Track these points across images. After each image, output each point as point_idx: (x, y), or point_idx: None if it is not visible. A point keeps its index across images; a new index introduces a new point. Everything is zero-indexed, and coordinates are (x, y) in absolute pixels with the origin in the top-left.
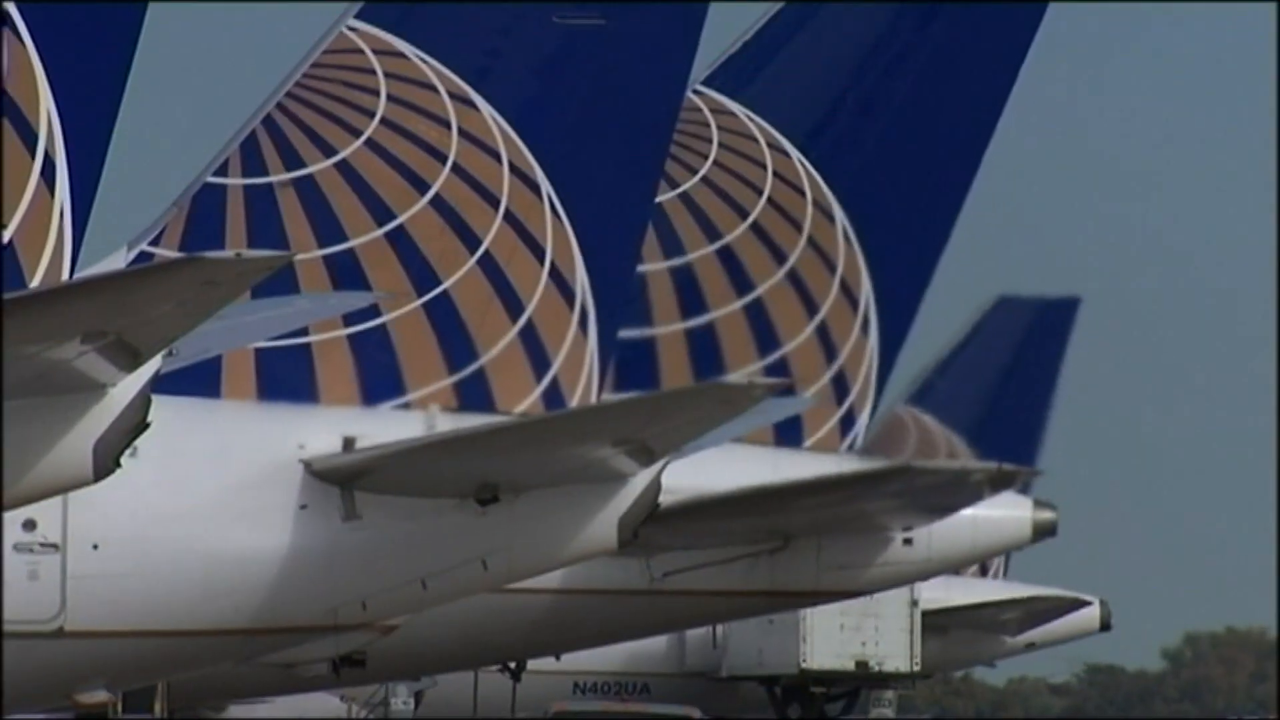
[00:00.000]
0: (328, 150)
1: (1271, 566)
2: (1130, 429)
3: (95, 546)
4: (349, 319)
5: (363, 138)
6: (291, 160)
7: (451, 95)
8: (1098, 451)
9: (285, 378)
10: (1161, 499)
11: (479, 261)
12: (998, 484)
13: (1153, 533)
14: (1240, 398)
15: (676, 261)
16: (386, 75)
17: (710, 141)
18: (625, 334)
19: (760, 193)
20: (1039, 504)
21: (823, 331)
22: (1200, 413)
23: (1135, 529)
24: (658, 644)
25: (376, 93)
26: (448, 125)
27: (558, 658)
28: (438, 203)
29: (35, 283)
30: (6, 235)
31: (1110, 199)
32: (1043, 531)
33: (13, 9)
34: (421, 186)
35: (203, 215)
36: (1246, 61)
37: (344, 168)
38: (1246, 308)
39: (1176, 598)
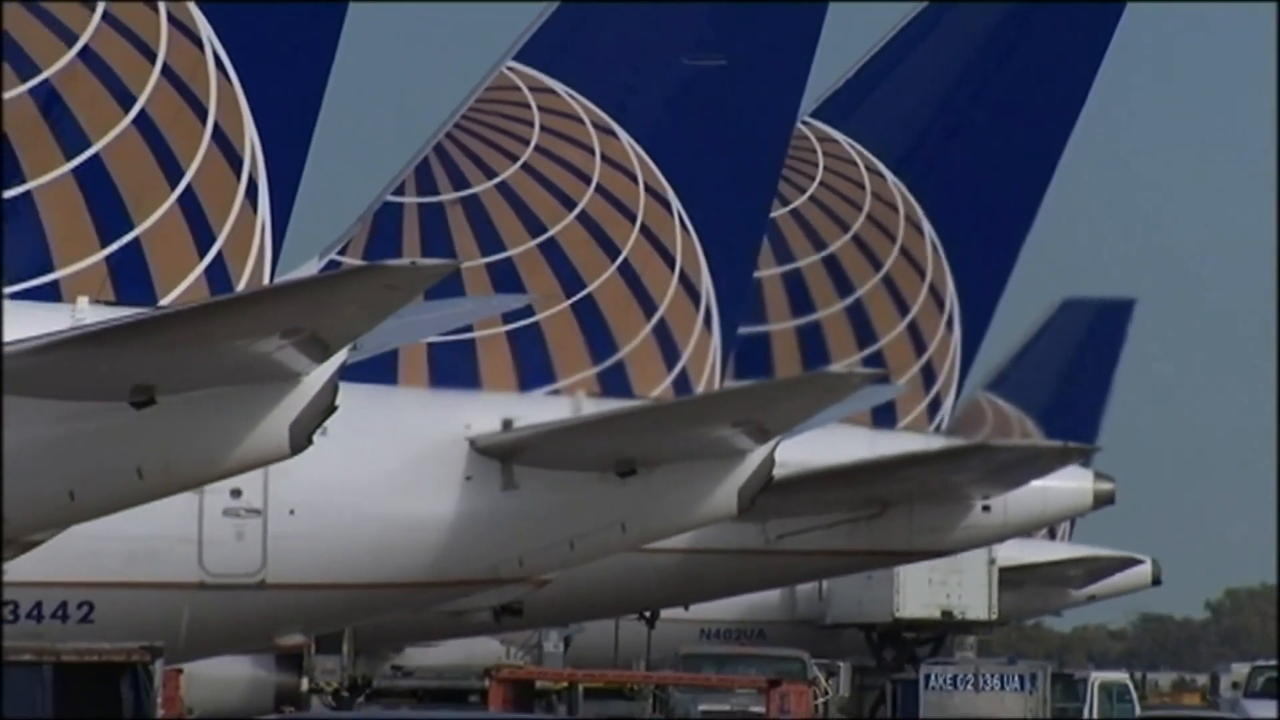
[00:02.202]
0: (489, 173)
1: None
2: (1178, 411)
3: (292, 511)
4: (507, 317)
5: (519, 162)
6: (459, 181)
7: (595, 125)
8: (1150, 430)
9: (453, 368)
10: (1206, 472)
11: (619, 268)
12: (1063, 459)
13: (1198, 501)
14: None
15: (787, 268)
16: (539, 109)
17: (817, 165)
18: (744, 330)
19: (860, 209)
20: (1099, 476)
21: (913, 328)
22: (1240, 400)
23: (1183, 498)
24: (772, 596)
25: (531, 123)
26: (592, 151)
27: (686, 608)
28: (583, 218)
29: (241, 287)
30: (216, 248)
31: (1139, 201)
32: (1102, 500)
33: (222, 52)
34: (569, 204)
35: (383, 229)
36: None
37: (503, 188)
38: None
39: (1218, 557)
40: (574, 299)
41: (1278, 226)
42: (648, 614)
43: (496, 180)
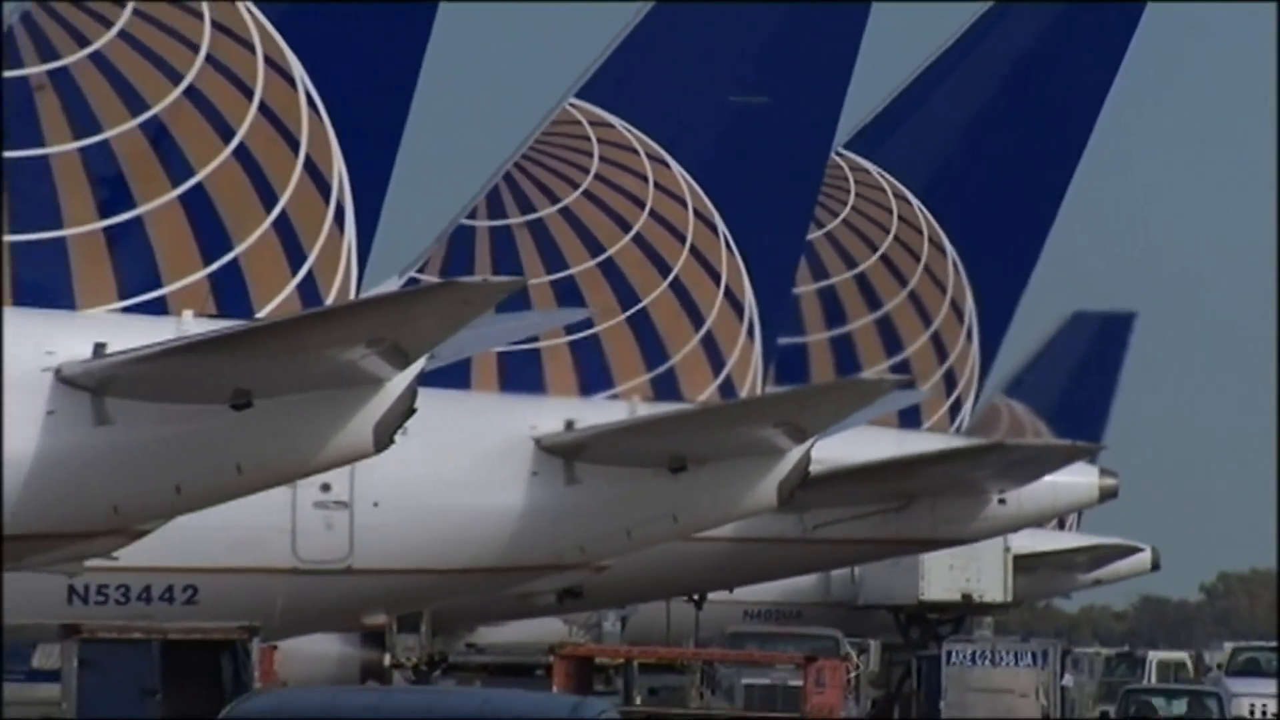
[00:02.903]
0: (553, 198)
1: None
2: (1176, 413)
3: (376, 504)
4: (570, 329)
5: (580, 189)
6: (525, 207)
7: (649, 156)
8: (1151, 431)
9: (520, 374)
10: (1201, 468)
11: (670, 285)
12: (1071, 457)
13: (1194, 494)
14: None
15: (823, 284)
16: (599, 141)
17: (849, 192)
18: (783, 340)
19: (888, 231)
20: (1104, 472)
21: (936, 339)
22: (1233, 402)
23: (1180, 492)
24: (808, 580)
25: (591, 154)
26: (646, 180)
27: (731, 590)
28: (638, 239)
29: (329, 301)
30: (307, 266)
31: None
32: (1106, 494)
33: (313, 90)
34: (626, 227)
35: (457, 249)
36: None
37: (566, 212)
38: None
39: (1212, 545)
40: (629, 312)
41: (1276, 238)
42: (696, 596)
43: (560, 205)
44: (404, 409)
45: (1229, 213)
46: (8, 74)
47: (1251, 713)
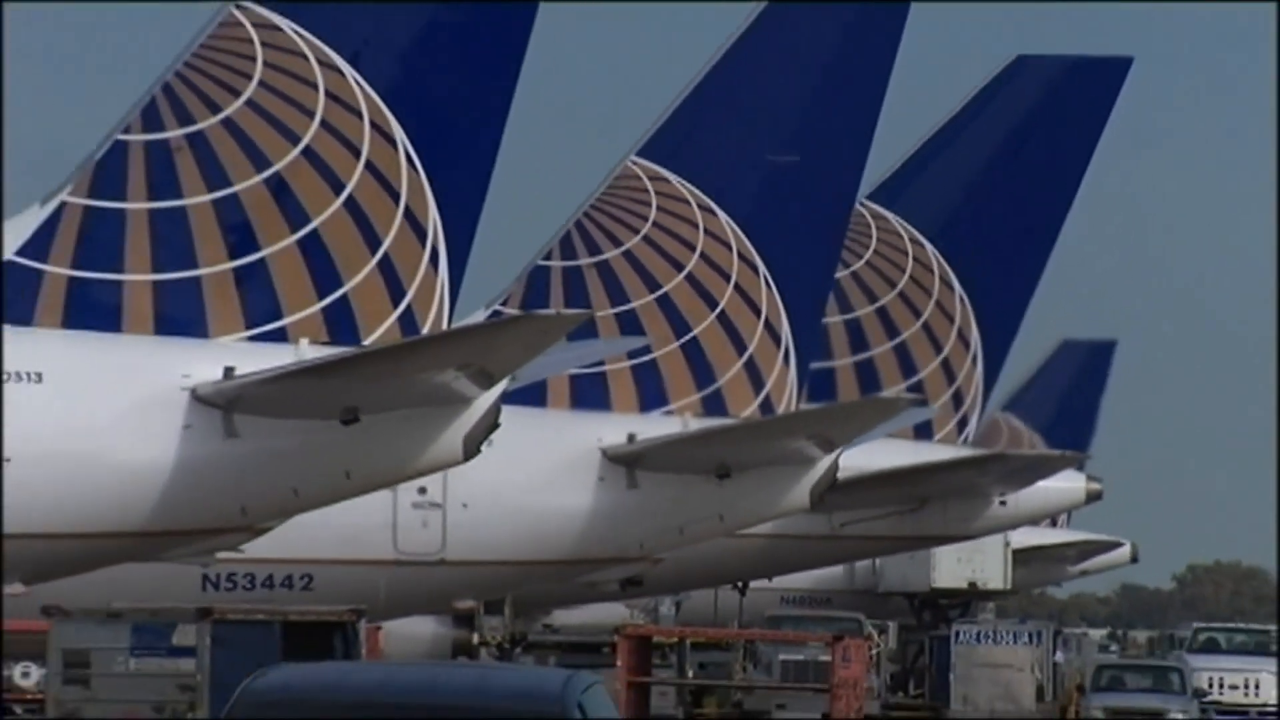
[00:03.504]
0: (617, 243)
1: (1245, 521)
2: (1152, 426)
3: (465, 505)
4: (631, 355)
5: (640, 234)
6: (593, 249)
7: (699, 206)
8: (1131, 442)
9: (588, 394)
10: (1174, 474)
11: (717, 317)
12: (1062, 465)
13: (1168, 497)
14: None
15: (848, 316)
16: (656, 193)
17: (871, 237)
18: (814, 365)
19: (904, 271)
20: (1090, 478)
21: (946, 364)
22: (1203, 415)
23: (1156, 494)
24: (836, 570)
25: (649, 204)
26: (696, 226)
27: (770, 579)
28: (690, 278)
29: (426, 331)
30: (406, 301)
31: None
32: (1092, 496)
33: (412, 151)
34: (679, 267)
35: (534, 286)
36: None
37: (628, 255)
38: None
39: (1182, 541)
40: (682, 340)
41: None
42: (740, 584)
43: (623, 249)
44: (489, 424)
45: (1203, 250)
46: (152, 135)
47: (1209, 684)
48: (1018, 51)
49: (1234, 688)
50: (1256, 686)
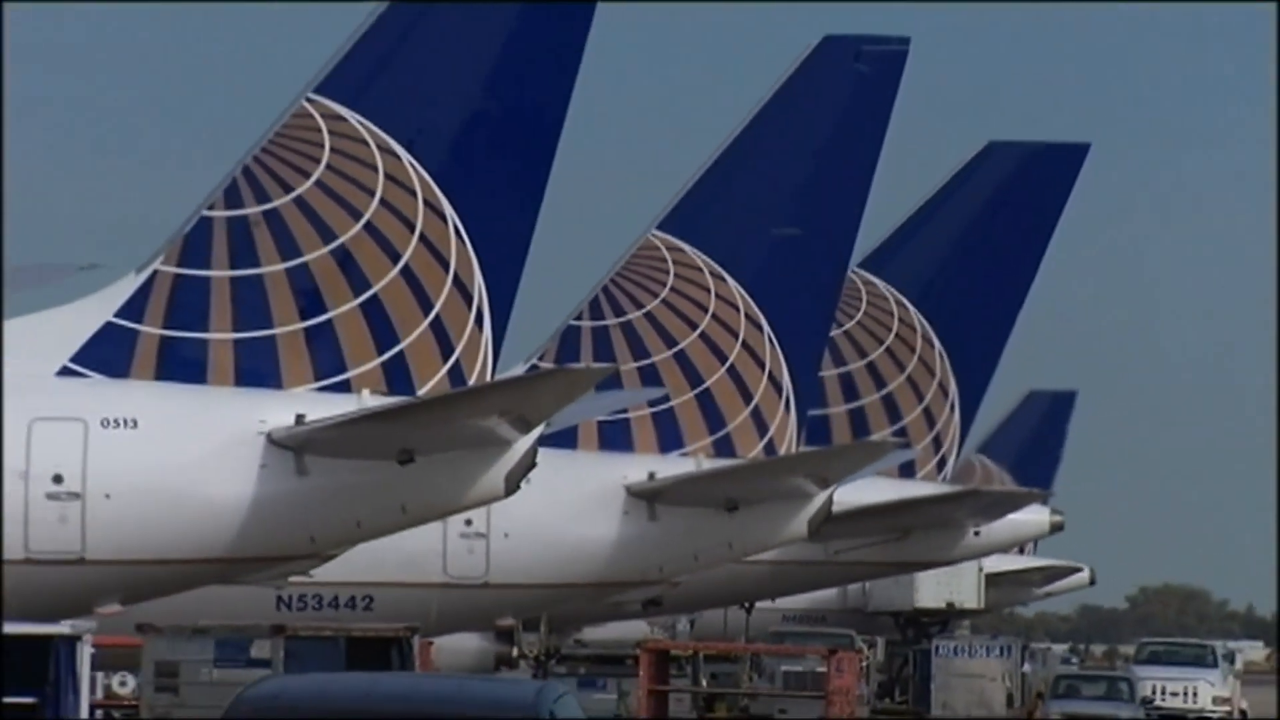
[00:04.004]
0: (639, 306)
1: (1189, 549)
2: (1110, 465)
3: (506, 535)
4: (651, 404)
5: (659, 298)
6: (619, 312)
7: (710, 274)
8: (1090, 480)
9: (614, 437)
10: (1128, 509)
11: (727, 371)
12: (1029, 500)
13: (1122, 528)
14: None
15: (842, 370)
16: (674, 262)
17: (862, 300)
18: (812, 413)
19: (890, 330)
20: (1053, 511)
21: (927, 411)
22: (1151, 457)
23: (1112, 526)
24: (831, 592)
25: (668, 272)
26: (709, 291)
27: (773, 600)
28: (704, 337)
29: (472, 382)
30: (455, 356)
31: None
32: (1055, 528)
33: (461, 226)
34: (694, 326)
35: (567, 344)
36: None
37: (649, 317)
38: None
39: (1134, 567)
40: (697, 391)
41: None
42: (747, 604)
43: (644, 311)
44: (528, 463)
45: (1152, 312)
46: (233, 212)
47: (1153, 692)
48: (989, 137)
49: (1175, 695)
50: (1194, 694)
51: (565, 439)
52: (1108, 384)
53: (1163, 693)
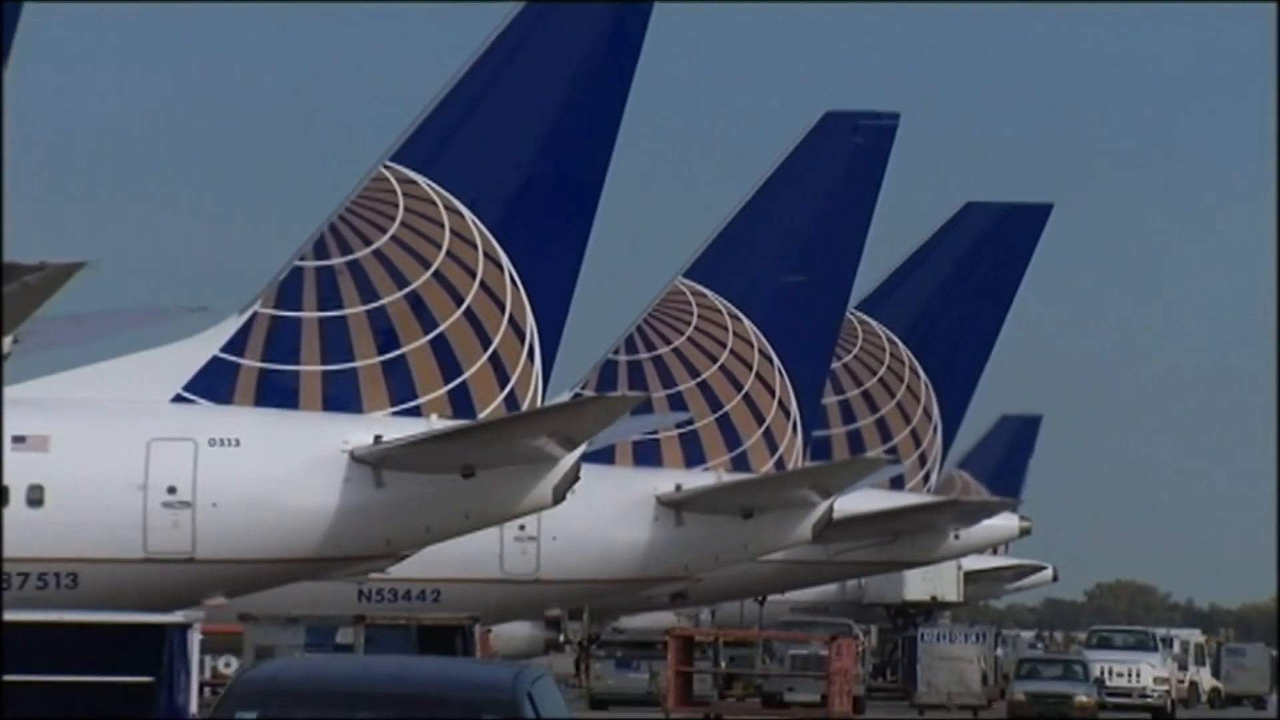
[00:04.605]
0: (668, 343)
1: (1139, 549)
2: (1072, 478)
3: (554, 538)
4: (679, 426)
5: (685, 335)
6: (650, 348)
7: (729, 315)
8: (1054, 491)
9: (646, 454)
10: (1086, 516)
11: (743, 398)
12: (1001, 509)
13: (1081, 533)
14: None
15: (841, 397)
16: (697, 305)
17: (858, 338)
18: (816, 434)
19: (883, 363)
20: (1022, 518)
21: (914, 433)
22: (1108, 473)
23: (1072, 531)
24: (832, 587)
25: (691, 313)
26: (727, 330)
27: (782, 594)
28: (723, 369)
29: (525, 407)
30: (510, 385)
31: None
32: (1024, 532)
33: (515, 274)
34: (714, 359)
35: (606, 375)
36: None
37: (676, 352)
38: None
39: (1092, 566)
40: (717, 415)
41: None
42: (760, 597)
43: (672, 347)
44: (572, 477)
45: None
46: (321, 262)
47: (1102, 673)
48: (968, 197)
49: (1120, 675)
50: (1137, 674)
51: (604, 456)
52: (1070, 409)
53: (1110, 673)
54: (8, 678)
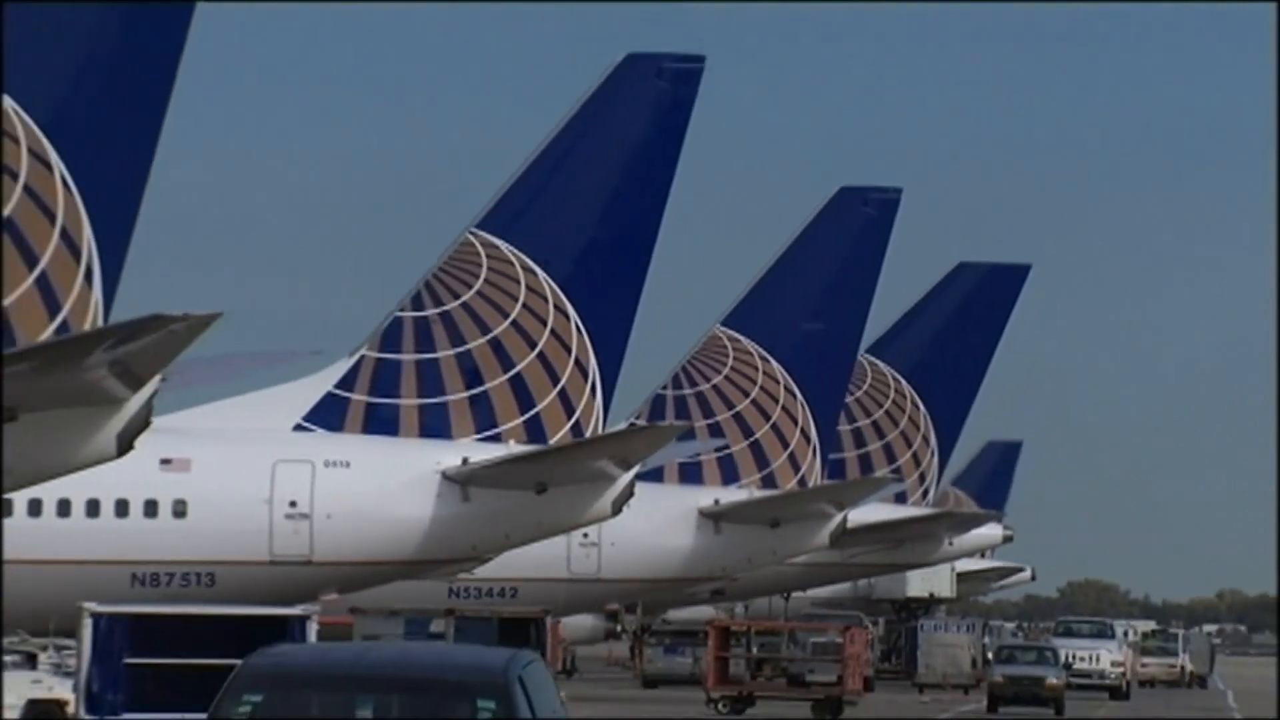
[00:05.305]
0: (708, 380)
1: (1105, 554)
2: (1048, 496)
3: (613, 544)
4: (718, 450)
5: (722, 374)
6: (692, 384)
7: (760, 357)
8: (1033, 505)
9: (689, 473)
10: (1061, 526)
11: (771, 427)
12: (988, 520)
13: (1056, 540)
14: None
15: (853, 426)
16: (733, 350)
17: (867, 377)
18: (831, 456)
19: (888, 398)
20: (1005, 528)
21: (915, 456)
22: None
23: (1048, 538)
24: (846, 585)
25: (728, 355)
26: (757, 369)
27: (804, 591)
28: (755, 402)
29: (588, 435)
30: (574, 418)
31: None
32: (1007, 539)
33: (587, 337)
34: (746, 394)
35: (656, 407)
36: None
37: (715, 389)
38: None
39: (1064, 567)
40: (749, 441)
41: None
42: (786, 594)
43: (711, 384)
44: (628, 493)
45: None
46: (418, 313)
47: (1068, 657)
48: (960, 258)
49: (1082, 659)
50: (1097, 659)
51: (654, 475)
52: (1046, 437)
53: (1074, 658)
54: (160, 660)
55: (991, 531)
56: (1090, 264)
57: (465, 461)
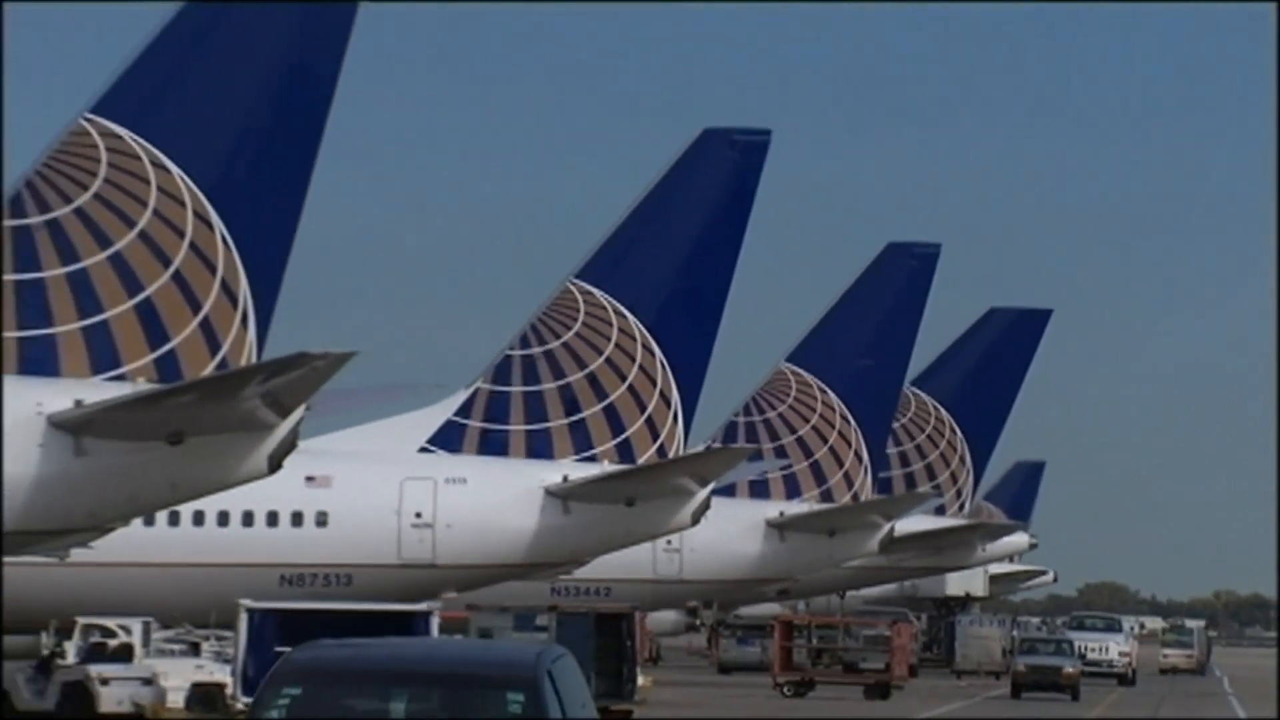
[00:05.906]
0: (774, 408)
1: (1117, 559)
2: (1068, 507)
3: (692, 550)
4: (782, 469)
5: (786, 403)
6: (761, 411)
7: (819, 389)
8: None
9: (759, 489)
10: (1080, 534)
11: (829, 449)
12: (1014, 529)
13: (1076, 546)
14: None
15: (899, 449)
16: (796, 391)
17: (910, 407)
18: (880, 474)
19: (929, 424)
20: (1031, 536)
21: (953, 475)
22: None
23: (1069, 544)
24: (893, 585)
25: (789, 393)
26: (816, 400)
27: (858, 590)
28: (814, 429)
29: (671, 456)
30: (659, 443)
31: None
32: (1032, 546)
33: (669, 367)
34: (807, 421)
35: (729, 433)
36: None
37: (780, 416)
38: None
39: (1082, 570)
40: (809, 461)
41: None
42: (842, 593)
43: (777, 412)
44: (705, 506)
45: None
46: (524, 351)
47: (1081, 648)
48: (991, 303)
49: (1093, 650)
50: (1106, 650)
51: (728, 490)
52: (1067, 458)
53: (1086, 649)
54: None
55: (1019, 539)
56: (1104, 307)
57: (565, 479)
